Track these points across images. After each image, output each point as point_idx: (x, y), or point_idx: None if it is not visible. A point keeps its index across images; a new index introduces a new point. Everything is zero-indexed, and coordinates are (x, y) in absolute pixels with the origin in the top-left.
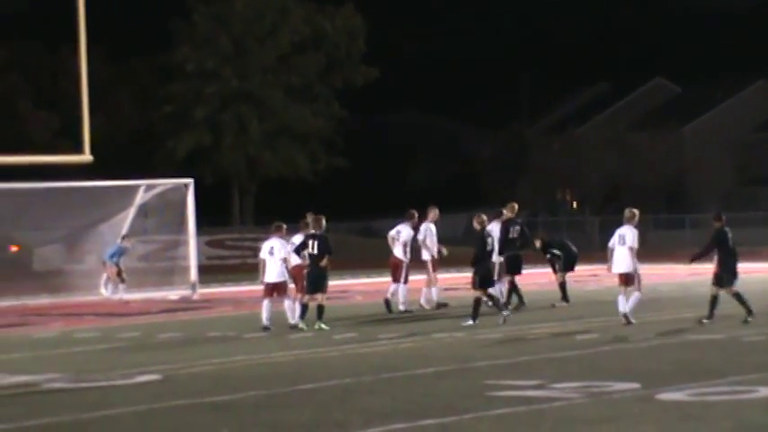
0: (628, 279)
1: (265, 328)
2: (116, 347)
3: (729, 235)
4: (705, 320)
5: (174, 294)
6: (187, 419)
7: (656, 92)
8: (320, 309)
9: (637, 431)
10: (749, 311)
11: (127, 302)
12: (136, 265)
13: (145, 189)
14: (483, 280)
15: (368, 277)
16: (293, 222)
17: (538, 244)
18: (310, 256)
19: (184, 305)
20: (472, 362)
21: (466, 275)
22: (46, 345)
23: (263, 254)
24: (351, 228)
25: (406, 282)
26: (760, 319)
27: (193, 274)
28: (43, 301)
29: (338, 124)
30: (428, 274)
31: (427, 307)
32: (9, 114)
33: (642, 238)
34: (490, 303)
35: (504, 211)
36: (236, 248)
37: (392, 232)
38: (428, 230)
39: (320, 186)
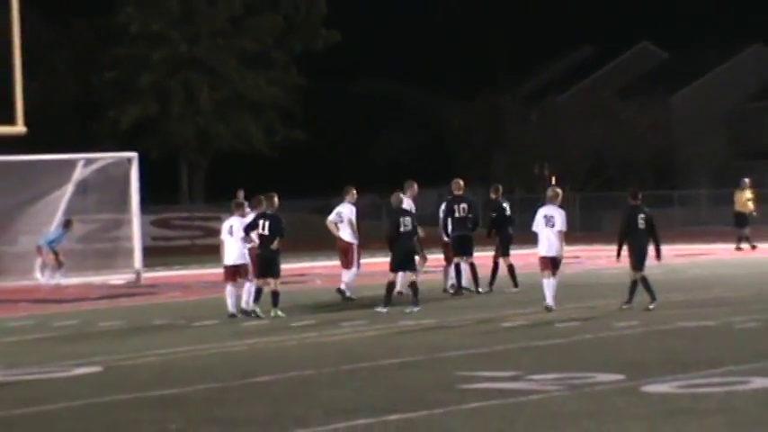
0: (553, 264)
1: (231, 315)
2: (52, 337)
3: (641, 215)
4: (625, 306)
5: (116, 279)
6: (131, 415)
7: (643, 57)
8: (275, 295)
9: (621, 426)
10: (653, 298)
11: (64, 288)
12: (74, 247)
13: (84, 164)
14: (400, 263)
15: (328, 259)
16: (247, 200)
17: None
18: (260, 237)
19: (127, 290)
20: (442, 351)
21: (436, 257)
22: None
23: (223, 234)
24: (310, 206)
25: (358, 266)
26: (754, 306)
27: (137, 256)
28: None
29: (297, 93)
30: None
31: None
32: None
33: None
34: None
35: (454, 189)
36: (184, 228)
37: (332, 216)
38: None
39: (277, 161)
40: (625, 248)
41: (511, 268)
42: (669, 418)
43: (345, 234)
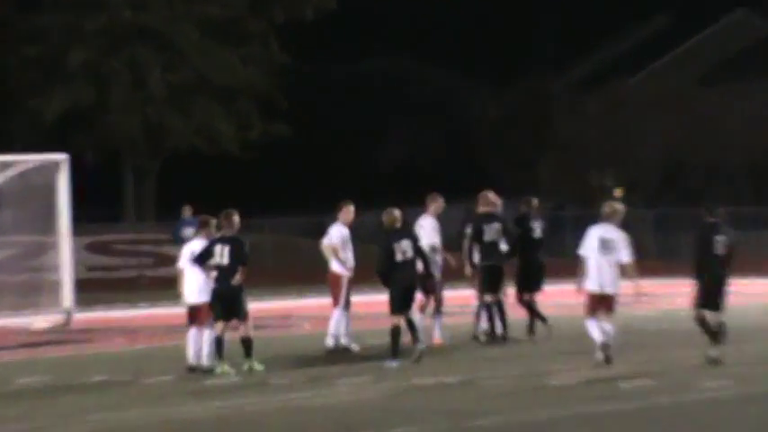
0: (607, 303)
1: (192, 369)
2: None
3: (719, 236)
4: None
5: (38, 321)
6: None
7: (738, 30)
8: (246, 343)
9: None
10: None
11: None
12: None
13: None
14: (403, 301)
15: (319, 295)
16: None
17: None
18: (219, 268)
19: (54, 337)
20: (469, 419)
21: (465, 293)
22: None
23: (182, 262)
24: (297, 225)
25: (347, 305)
26: None
27: (67, 292)
28: None
29: (278, 75)
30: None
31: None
32: None
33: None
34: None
35: (481, 205)
36: (129, 255)
37: (326, 239)
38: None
39: (252, 165)
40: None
41: (530, 308)
42: None
43: (334, 263)
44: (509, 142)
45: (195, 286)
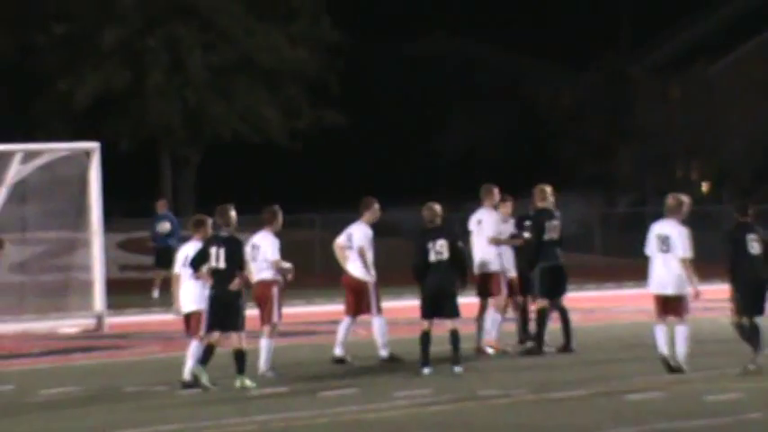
0: (673, 306)
1: (186, 385)
2: None
3: (752, 235)
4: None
5: (67, 326)
6: None
7: None
8: (239, 356)
9: None
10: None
11: None
12: (7, 280)
13: (22, 158)
14: (432, 305)
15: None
16: (256, 212)
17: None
18: (214, 272)
19: (84, 343)
20: None
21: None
22: None
23: (178, 266)
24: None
25: (379, 311)
26: None
27: (98, 293)
28: None
29: (331, 56)
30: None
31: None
32: None
33: None
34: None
35: (538, 201)
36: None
37: (341, 238)
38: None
39: (302, 155)
40: None
41: (524, 315)
42: None
43: (354, 267)
44: (584, 131)
45: (194, 293)
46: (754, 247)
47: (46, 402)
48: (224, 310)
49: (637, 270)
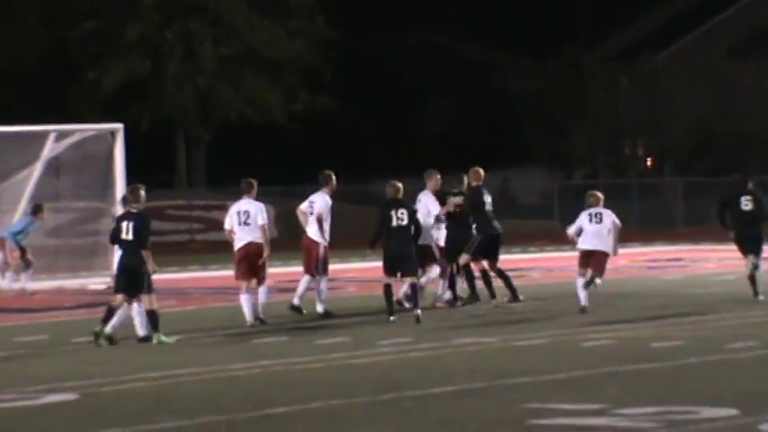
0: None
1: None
2: (15, 356)
3: (746, 197)
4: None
5: (95, 283)
6: None
7: (764, 5)
8: (152, 316)
9: None
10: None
11: (31, 294)
12: (44, 243)
13: (56, 137)
14: (393, 264)
15: (363, 260)
16: (260, 185)
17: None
18: (123, 243)
19: (110, 297)
20: (507, 377)
21: (500, 258)
22: None
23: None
24: (341, 193)
25: (325, 272)
26: None
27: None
28: None
29: (325, 49)
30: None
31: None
32: None
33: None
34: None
35: (473, 181)
36: (181, 220)
37: (304, 205)
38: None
39: (299, 135)
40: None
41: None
42: None
43: (312, 230)
44: (545, 113)
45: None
46: (746, 206)
47: (77, 349)
48: (131, 276)
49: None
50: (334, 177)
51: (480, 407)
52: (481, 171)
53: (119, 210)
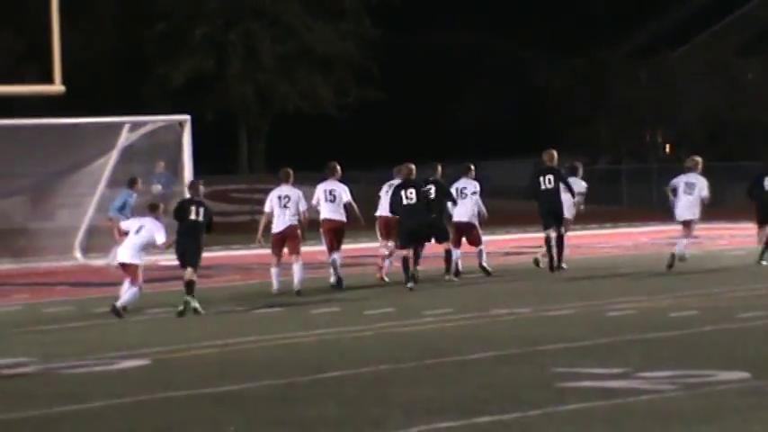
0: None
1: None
2: (94, 325)
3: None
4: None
5: (165, 259)
6: (183, 415)
7: None
8: (191, 285)
9: (744, 431)
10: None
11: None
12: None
13: (130, 128)
14: (409, 237)
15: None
16: (313, 170)
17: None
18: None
19: (179, 272)
20: (539, 344)
21: (533, 236)
22: (6, 321)
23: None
24: (385, 178)
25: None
26: None
27: None
28: (3, 267)
29: (371, 47)
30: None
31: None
32: None
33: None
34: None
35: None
36: (243, 202)
37: (319, 195)
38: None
39: (348, 125)
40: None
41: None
42: None
43: (336, 214)
44: (571, 105)
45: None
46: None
47: (149, 319)
48: (190, 251)
49: (613, 214)
50: (338, 167)
51: (514, 371)
52: (554, 152)
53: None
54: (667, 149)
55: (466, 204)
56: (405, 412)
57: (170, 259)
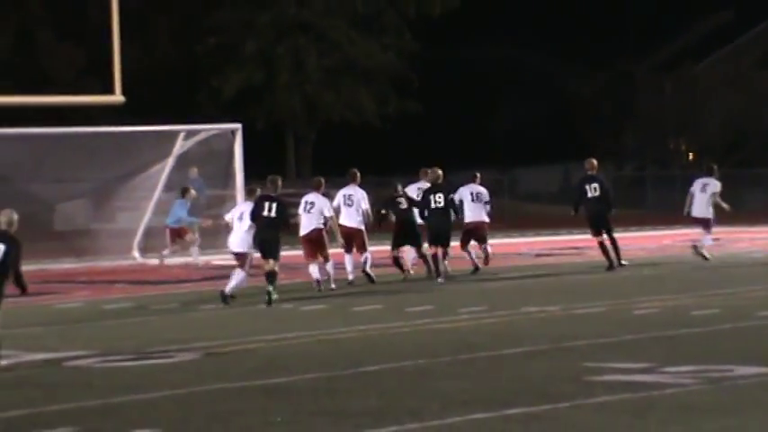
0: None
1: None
2: (151, 320)
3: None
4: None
5: (219, 259)
6: (233, 405)
7: None
8: (272, 275)
9: (764, 423)
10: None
11: (168, 267)
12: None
13: (185, 135)
14: (434, 236)
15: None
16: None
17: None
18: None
19: (231, 272)
20: (568, 341)
21: (563, 238)
22: (69, 317)
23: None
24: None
25: (365, 249)
26: None
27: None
28: (66, 266)
29: (411, 60)
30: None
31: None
32: (28, 48)
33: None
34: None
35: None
36: (291, 205)
37: (339, 200)
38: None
39: (390, 133)
40: None
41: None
42: None
43: (351, 220)
44: (599, 114)
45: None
46: None
47: (203, 315)
48: (268, 245)
49: (639, 218)
50: (358, 174)
51: (544, 365)
52: (594, 161)
53: (238, 197)
54: (690, 157)
55: (478, 207)
56: (441, 404)
57: (223, 258)
